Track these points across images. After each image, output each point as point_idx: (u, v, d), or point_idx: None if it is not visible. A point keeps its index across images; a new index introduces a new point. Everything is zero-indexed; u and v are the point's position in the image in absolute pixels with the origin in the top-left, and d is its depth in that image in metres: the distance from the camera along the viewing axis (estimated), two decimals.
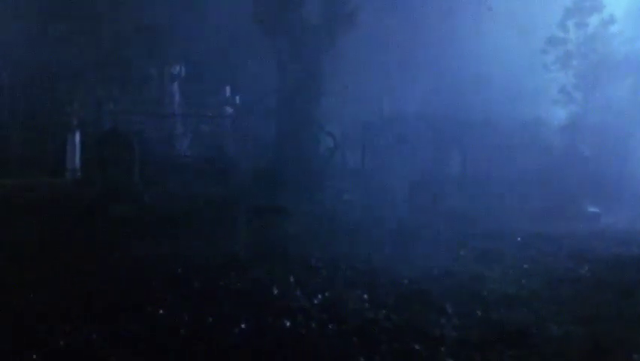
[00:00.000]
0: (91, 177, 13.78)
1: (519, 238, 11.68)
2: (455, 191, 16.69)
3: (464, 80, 21.41)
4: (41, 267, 8.01)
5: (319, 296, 7.02)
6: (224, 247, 9.56)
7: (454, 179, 18.02)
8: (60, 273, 7.73)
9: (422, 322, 6.32)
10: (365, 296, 7.12)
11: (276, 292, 7.13)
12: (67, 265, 8.11)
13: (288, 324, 5.99)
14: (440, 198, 15.64)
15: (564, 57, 19.98)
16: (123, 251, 9.07)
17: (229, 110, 19.10)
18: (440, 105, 20.39)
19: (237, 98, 19.15)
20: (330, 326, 6.00)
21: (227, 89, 19.90)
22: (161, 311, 6.27)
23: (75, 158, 16.64)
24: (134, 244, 9.60)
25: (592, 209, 16.72)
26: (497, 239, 11.40)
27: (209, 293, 7.01)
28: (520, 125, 19.81)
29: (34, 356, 5.05)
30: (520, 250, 10.56)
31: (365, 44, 19.74)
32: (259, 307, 6.50)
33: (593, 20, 19.95)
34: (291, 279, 7.65)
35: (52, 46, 18.50)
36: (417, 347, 5.57)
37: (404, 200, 14.93)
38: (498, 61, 21.58)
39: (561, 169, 18.72)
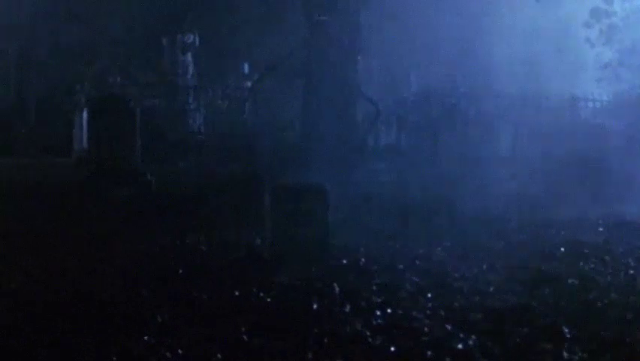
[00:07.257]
0: (92, 155, 12.40)
1: (600, 228, 9.85)
2: (507, 172, 14.83)
3: (503, 56, 19.86)
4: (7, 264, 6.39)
5: (378, 314, 4.93)
6: (243, 240, 7.78)
7: (504, 160, 16.19)
8: (26, 275, 6.08)
9: (535, 355, 4.29)
10: (442, 313, 5.05)
11: (315, 307, 5.06)
12: (35, 265, 6.42)
13: None
14: (492, 180, 13.76)
15: (608, 31, 18.79)
16: (111, 245, 7.31)
17: (248, 84, 17.54)
18: (477, 81, 18.75)
19: (256, 75, 17.60)
20: None
21: (246, 65, 18.29)
22: (145, 338, 4.24)
23: (82, 137, 15.68)
24: (128, 235, 7.86)
25: None
26: (577, 229, 9.56)
27: (222, 309, 5.06)
28: (568, 103, 18.21)
29: None
30: (610, 243, 8.60)
31: (401, 15, 18.14)
32: (294, 332, 4.46)
33: None
34: (336, 287, 5.58)
35: (61, 22, 17.22)
36: None
37: (454, 182, 12.97)
38: (537, 35, 19.99)
39: (615, 150, 17.08)
